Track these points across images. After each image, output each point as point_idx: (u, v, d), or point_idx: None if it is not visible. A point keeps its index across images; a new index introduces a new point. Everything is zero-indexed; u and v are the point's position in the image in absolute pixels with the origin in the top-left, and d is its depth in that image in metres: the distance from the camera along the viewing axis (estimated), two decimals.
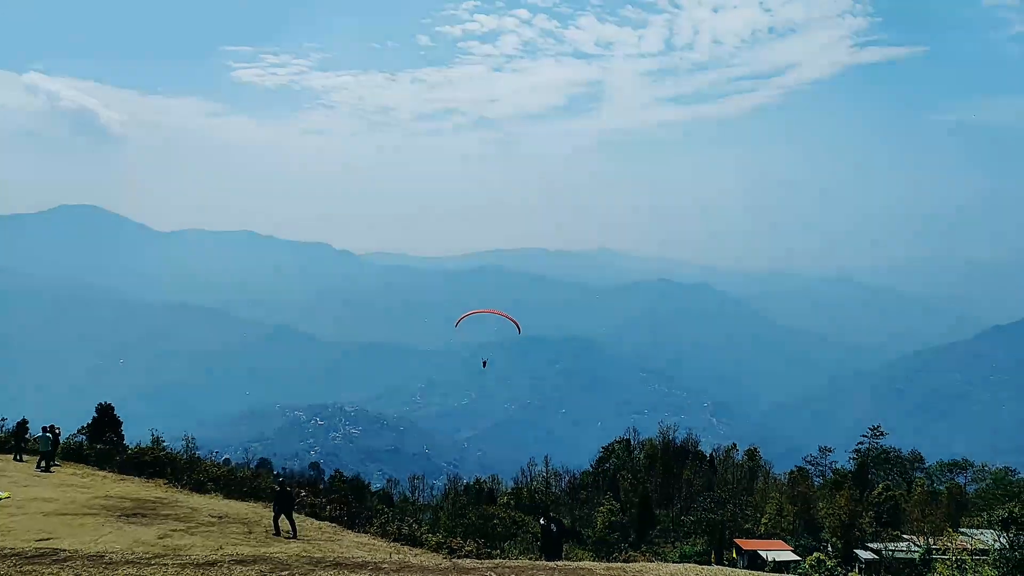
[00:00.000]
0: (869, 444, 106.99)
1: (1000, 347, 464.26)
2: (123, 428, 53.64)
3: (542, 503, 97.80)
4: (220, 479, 40.98)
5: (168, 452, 44.81)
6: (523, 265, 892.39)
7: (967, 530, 73.31)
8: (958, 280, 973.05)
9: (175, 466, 42.26)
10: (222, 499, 38.09)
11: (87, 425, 52.94)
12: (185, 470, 41.77)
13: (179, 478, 40.47)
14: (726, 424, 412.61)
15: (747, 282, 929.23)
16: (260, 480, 45.29)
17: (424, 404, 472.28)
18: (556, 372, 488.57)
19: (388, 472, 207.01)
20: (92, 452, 43.96)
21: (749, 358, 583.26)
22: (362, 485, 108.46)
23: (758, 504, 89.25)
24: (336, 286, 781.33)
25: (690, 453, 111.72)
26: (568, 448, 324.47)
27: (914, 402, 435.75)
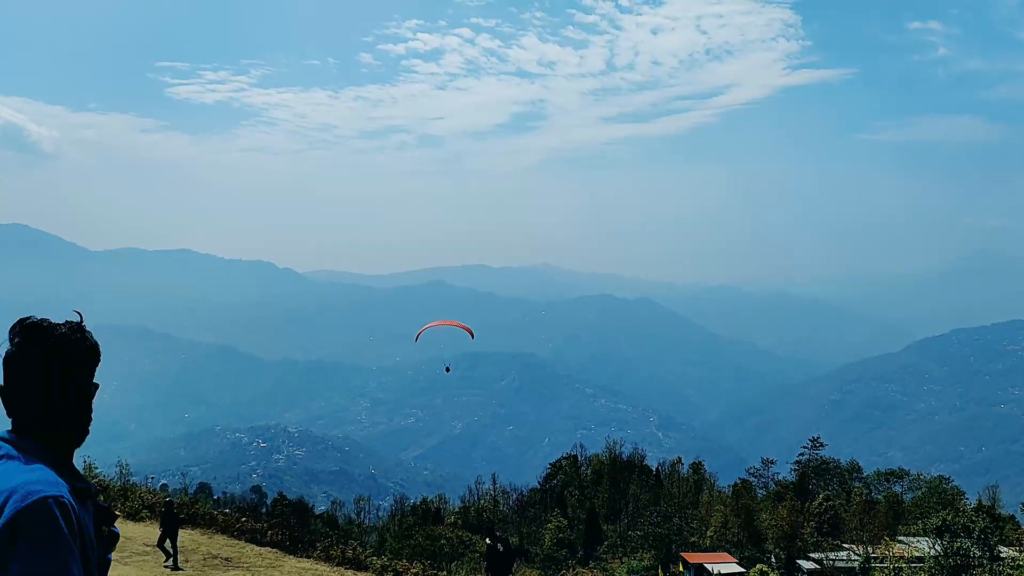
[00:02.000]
0: (809, 455, 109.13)
1: (931, 359, 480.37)
2: None
3: (489, 522, 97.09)
4: (155, 506, 39.56)
5: (101, 479, 43.13)
6: (468, 282, 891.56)
7: (904, 538, 75.30)
8: (888, 293, 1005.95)
9: (108, 494, 40.67)
10: (158, 527, 36.72)
11: None
12: (119, 498, 40.21)
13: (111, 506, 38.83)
14: (671, 437, 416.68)
15: (688, 296, 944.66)
16: (198, 506, 43.90)
17: (370, 423, 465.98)
18: (502, 389, 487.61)
19: (333, 494, 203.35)
20: None
21: (692, 371, 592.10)
22: (306, 508, 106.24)
23: (703, 517, 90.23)
24: (279, 304, 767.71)
25: (636, 467, 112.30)
26: (516, 465, 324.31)
27: (851, 413, 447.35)
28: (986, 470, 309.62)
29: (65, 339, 4.46)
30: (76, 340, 4.51)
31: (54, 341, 4.46)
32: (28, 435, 4.28)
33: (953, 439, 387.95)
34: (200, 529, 36.38)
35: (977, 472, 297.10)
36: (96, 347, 4.49)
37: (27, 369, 4.39)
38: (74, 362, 4.45)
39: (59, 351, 4.43)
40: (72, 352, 4.43)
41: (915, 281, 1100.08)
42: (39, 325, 4.53)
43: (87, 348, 4.50)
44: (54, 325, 4.51)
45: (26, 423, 4.31)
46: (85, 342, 4.55)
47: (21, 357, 4.42)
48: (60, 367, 4.41)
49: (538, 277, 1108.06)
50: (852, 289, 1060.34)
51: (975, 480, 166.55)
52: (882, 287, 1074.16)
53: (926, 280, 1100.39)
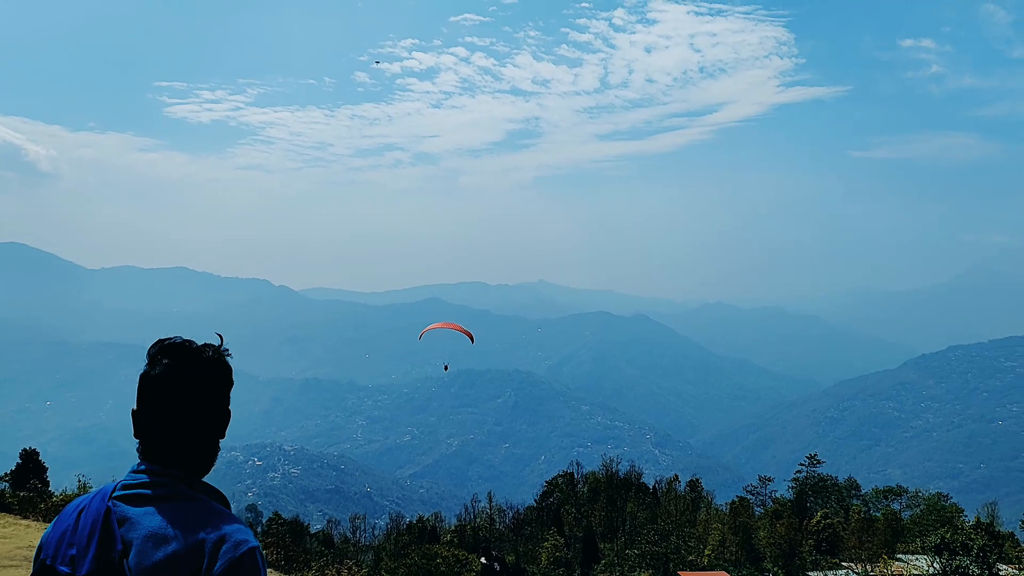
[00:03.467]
0: (807, 472, 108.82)
1: (929, 375, 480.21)
2: (48, 474, 51.22)
3: (485, 540, 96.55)
4: None
5: None
6: (464, 299, 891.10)
7: (903, 556, 74.95)
8: (885, 310, 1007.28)
9: None
10: None
11: (10, 472, 50.50)
12: None
13: None
14: (668, 455, 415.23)
15: (685, 314, 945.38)
16: None
17: (365, 442, 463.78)
18: (498, 406, 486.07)
19: (329, 512, 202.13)
20: (15, 500, 41.73)
21: (689, 389, 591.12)
22: (301, 527, 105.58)
23: (701, 535, 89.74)
24: (275, 323, 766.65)
25: (633, 485, 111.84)
26: (512, 483, 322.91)
27: (849, 430, 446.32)
28: (985, 487, 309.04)
29: (219, 363, 4.41)
30: (225, 364, 4.46)
31: (211, 365, 4.39)
32: (175, 466, 4.21)
33: (951, 456, 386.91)
34: None
35: (976, 489, 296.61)
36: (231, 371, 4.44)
37: (186, 394, 4.27)
38: (224, 387, 4.41)
39: (215, 375, 4.36)
40: (225, 377, 4.39)
41: (912, 298, 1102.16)
42: (196, 348, 4.44)
43: (230, 373, 4.47)
44: (203, 347, 4.43)
45: (170, 452, 4.24)
46: (229, 367, 4.51)
47: (176, 381, 4.26)
48: (216, 392, 4.36)
49: (534, 294, 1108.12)
50: (849, 306, 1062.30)
51: (974, 497, 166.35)
52: (879, 304, 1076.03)
53: (923, 297, 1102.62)
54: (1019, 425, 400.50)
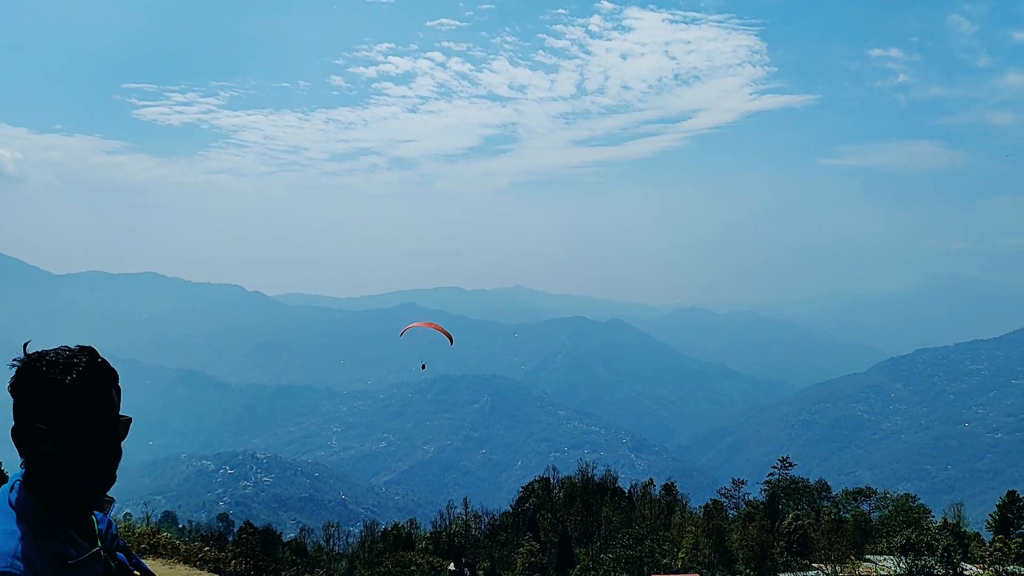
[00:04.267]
0: (779, 475, 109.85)
1: (897, 378, 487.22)
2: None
3: (461, 547, 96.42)
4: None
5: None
6: (441, 304, 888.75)
7: (871, 556, 76.02)
8: (855, 314, 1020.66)
9: None
10: None
11: None
12: None
13: None
14: (644, 459, 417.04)
15: (660, 318, 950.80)
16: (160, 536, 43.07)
17: (340, 448, 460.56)
18: (475, 412, 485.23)
19: (302, 521, 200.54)
20: None
21: (665, 393, 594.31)
22: (274, 536, 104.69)
23: (675, 538, 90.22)
24: (248, 328, 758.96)
25: (609, 489, 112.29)
26: (488, 488, 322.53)
27: (820, 432, 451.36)
28: (952, 488, 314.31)
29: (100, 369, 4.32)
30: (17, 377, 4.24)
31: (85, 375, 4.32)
32: (37, 484, 4.07)
33: (919, 457, 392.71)
34: (162, 559, 35.71)
35: (943, 490, 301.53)
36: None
37: (81, 406, 4.19)
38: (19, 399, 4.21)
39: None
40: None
41: (881, 302, 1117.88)
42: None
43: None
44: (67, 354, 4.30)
45: (39, 469, 4.11)
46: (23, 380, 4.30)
47: (74, 393, 4.15)
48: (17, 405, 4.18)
49: (511, 299, 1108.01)
50: (820, 310, 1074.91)
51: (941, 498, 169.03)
52: (849, 308, 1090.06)
53: (891, 301, 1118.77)
54: (984, 427, 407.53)
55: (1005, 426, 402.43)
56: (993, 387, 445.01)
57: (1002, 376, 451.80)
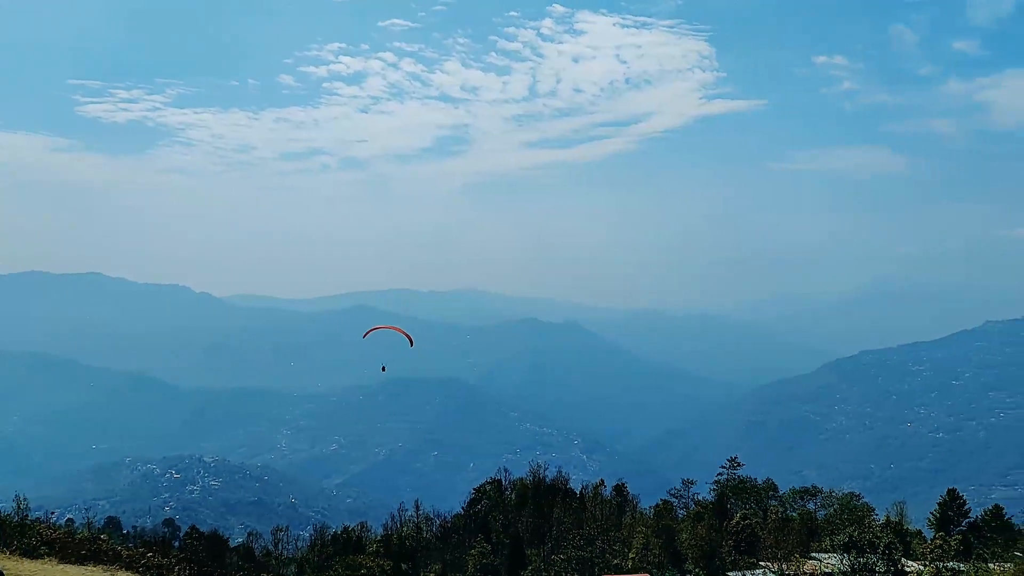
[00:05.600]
0: (728, 475, 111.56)
1: (844, 379, 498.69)
2: None
3: (410, 549, 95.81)
4: (55, 542, 37.60)
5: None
6: (394, 306, 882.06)
7: (816, 554, 77.60)
8: (804, 316, 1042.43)
9: (3, 530, 38.48)
10: (56, 564, 34.98)
11: None
12: (15, 534, 38.09)
13: (8, 543, 36.85)
14: (596, 460, 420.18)
15: (614, 320, 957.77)
16: (102, 541, 41.94)
17: (291, 452, 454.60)
18: (427, 414, 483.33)
19: (251, 525, 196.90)
20: None
21: (618, 394, 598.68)
22: (220, 541, 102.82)
23: (626, 539, 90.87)
24: (196, 331, 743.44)
25: (560, 491, 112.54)
26: (441, 491, 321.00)
27: (770, 433, 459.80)
28: (895, 487, 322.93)
29: None
30: None
31: None
32: None
33: (864, 457, 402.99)
34: (103, 566, 34.86)
35: (887, 489, 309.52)
36: None
37: None
38: None
39: None
40: None
41: (828, 304, 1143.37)
42: None
43: None
44: None
45: None
46: None
47: None
48: None
49: (465, 301, 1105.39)
50: (770, 312, 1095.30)
51: (885, 496, 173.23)
52: (798, 310, 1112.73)
53: (838, 304, 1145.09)
54: (926, 427, 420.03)
55: (946, 426, 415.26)
56: (934, 388, 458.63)
57: (943, 377, 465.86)
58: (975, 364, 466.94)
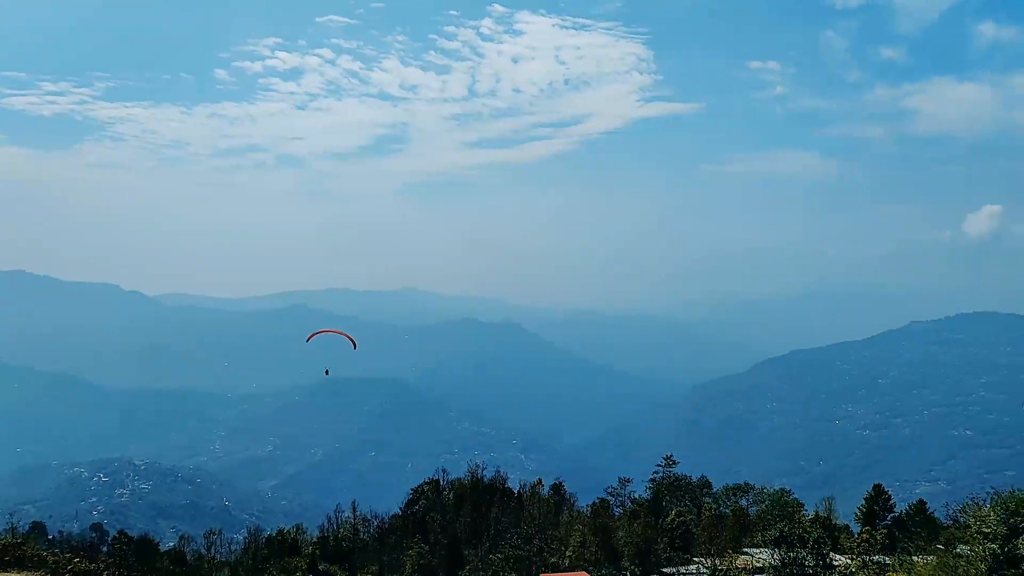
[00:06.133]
0: (663, 473, 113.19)
1: (776, 378, 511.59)
2: None
3: (346, 551, 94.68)
4: None
5: None
6: (331, 305, 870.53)
7: (748, 550, 79.26)
8: (739, 315, 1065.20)
9: None
10: None
11: None
12: None
13: None
14: (534, 459, 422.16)
15: (553, 320, 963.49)
16: (27, 547, 40.22)
17: (224, 454, 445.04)
18: (365, 414, 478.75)
19: (182, 529, 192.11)
20: None
21: (556, 394, 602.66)
22: (151, 545, 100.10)
23: (563, 537, 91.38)
24: (125, 330, 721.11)
25: (498, 490, 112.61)
26: (379, 492, 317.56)
27: (705, 430, 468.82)
28: (824, 482, 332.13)
29: None
30: None
31: None
32: None
33: (795, 454, 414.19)
34: (27, 572, 33.56)
35: (816, 485, 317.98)
36: None
37: None
38: None
39: None
40: None
41: (761, 304, 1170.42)
42: None
43: None
44: None
45: None
46: None
47: None
48: None
49: (403, 300, 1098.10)
50: (707, 312, 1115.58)
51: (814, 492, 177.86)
52: (733, 310, 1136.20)
53: (771, 304, 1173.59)
54: (854, 424, 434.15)
55: (872, 423, 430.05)
56: (861, 386, 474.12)
57: (870, 375, 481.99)
58: (900, 363, 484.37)
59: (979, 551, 56.99)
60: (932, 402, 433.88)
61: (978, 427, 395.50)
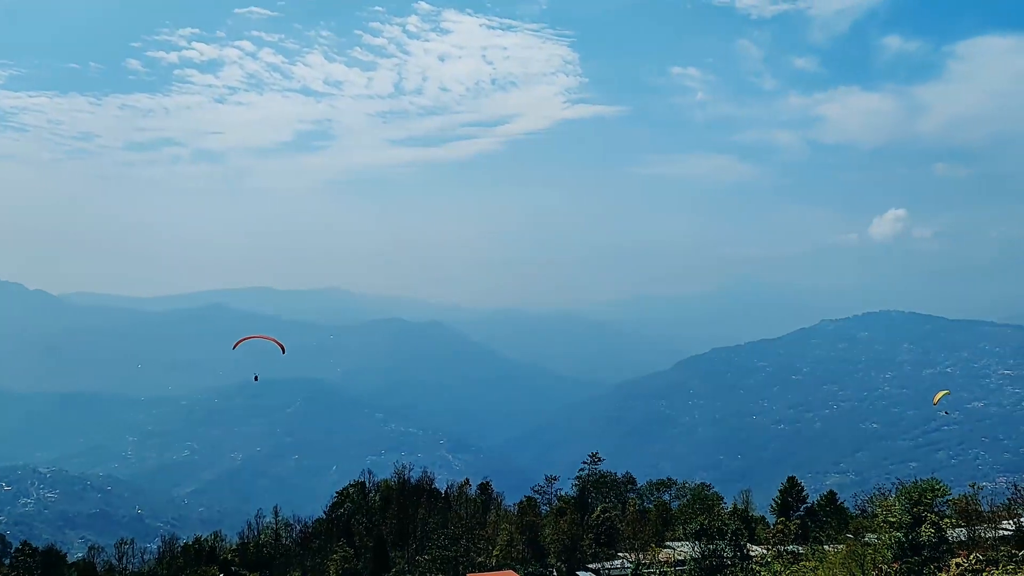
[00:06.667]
0: (589, 470, 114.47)
1: (696, 375, 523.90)
2: None
3: (267, 557, 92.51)
4: None
5: None
6: (251, 305, 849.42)
7: (671, 543, 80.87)
8: (661, 314, 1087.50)
9: None
10: None
11: None
12: None
13: None
14: (461, 459, 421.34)
15: (479, 319, 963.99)
16: None
17: (137, 460, 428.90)
18: (288, 417, 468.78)
19: (92, 539, 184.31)
20: None
21: (483, 393, 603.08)
22: (57, 556, 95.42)
23: (490, 537, 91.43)
24: (29, 330, 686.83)
25: (425, 491, 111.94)
26: (303, 496, 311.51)
27: (629, 428, 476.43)
28: (742, 476, 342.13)
29: None
30: None
31: None
32: None
33: (714, 449, 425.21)
34: None
35: (734, 478, 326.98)
36: None
37: None
38: None
39: None
40: None
41: (683, 303, 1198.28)
42: None
43: None
44: None
45: None
46: None
47: None
48: None
49: (327, 300, 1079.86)
50: (629, 312, 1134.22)
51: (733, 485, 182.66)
52: (655, 309, 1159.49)
53: (692, 303, 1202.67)
54: (770, 419, 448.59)
55: (787, 418, 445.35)
56: (777, 382, 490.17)
57: (784, 372, 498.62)
58: (812, 360, 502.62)
59: (885, 539, 59.69)
60: (841, 397, 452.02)
61: (883, 420, 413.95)
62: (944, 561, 54.44)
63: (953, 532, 63.11)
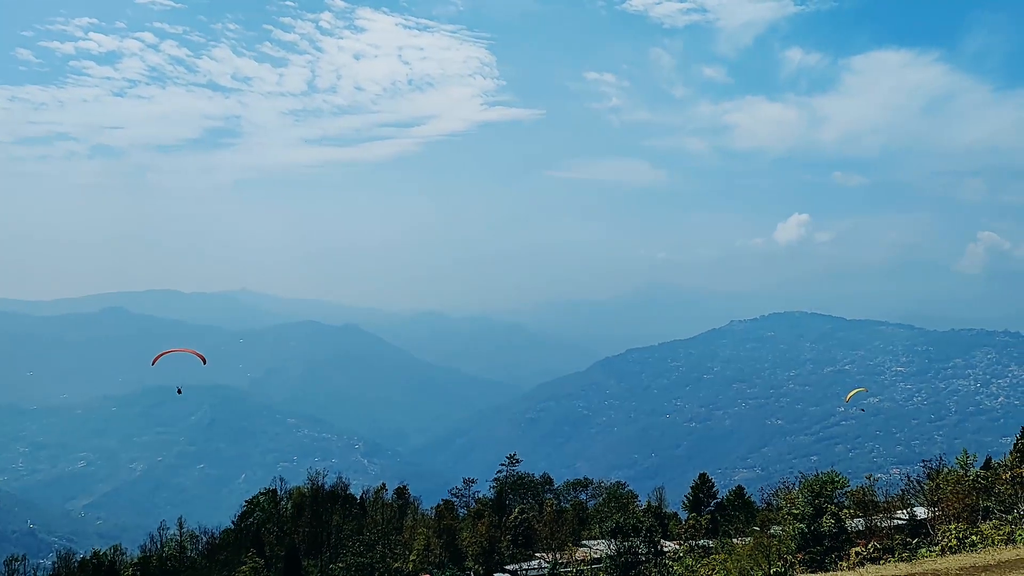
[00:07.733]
0: (507, 472, 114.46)
1: (611, 376, 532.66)
2: None
3: (172, 571, 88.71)
4: None
5: None
6: (154, 308, 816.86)
7: (587, 542, 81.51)
8: (577, 318, 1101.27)
9: None
10: None
11: None
12: None
13: None
14: (377, 464, 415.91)
15: (396, 323, 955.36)
16: None
17: (27, 472, 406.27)
18: (192, 425, 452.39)
19: None
20: None
21: (400, 397, 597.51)
22: None
23: (407, 542, 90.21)
24: None
25: (340, 497, 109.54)
26: (208, 506, 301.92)
27: (546, 429, 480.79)
28: (656, 473, 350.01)
29: None
30: None
31: None
32: None
33: (629, 447, 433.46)
34: None
35: (649, 476, 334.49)
36: None
37: None
38: None
39: None
40: None
41: (598, 306, 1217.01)
42: None
43: None
44: None
45: None
46: None
47: None
48: None
49: (236, 303, 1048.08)
50: (547, 314, 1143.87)
51: (647, 483, 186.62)
52: (571, 312, 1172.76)
53: (607, 305, 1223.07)
54: (682, 417, 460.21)
55: (698, 416, 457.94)
56: (688, 382, 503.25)
57: (696, 372, 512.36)
58: (722, 359, 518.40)
59: (790, 531, 61.78)
60: (749, 395, 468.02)
61: (787, 416, 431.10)
62: (844, 550, 56.56)
63: (852, 522, 65.63)
